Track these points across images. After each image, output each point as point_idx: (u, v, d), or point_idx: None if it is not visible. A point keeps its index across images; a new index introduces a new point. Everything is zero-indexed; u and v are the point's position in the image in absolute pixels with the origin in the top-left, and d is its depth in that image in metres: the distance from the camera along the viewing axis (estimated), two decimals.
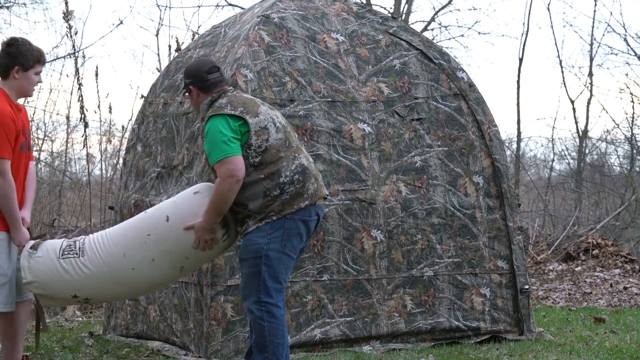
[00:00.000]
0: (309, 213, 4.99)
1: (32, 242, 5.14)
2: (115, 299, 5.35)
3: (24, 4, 15.49)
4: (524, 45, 18.76)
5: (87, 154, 11.30)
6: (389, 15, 11.61)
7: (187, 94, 5.19)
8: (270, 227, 4.91)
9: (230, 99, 4.99)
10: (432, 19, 19.69)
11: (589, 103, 19.59)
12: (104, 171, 13.85)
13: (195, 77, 5.08)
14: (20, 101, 5.54)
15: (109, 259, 4.98)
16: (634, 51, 19.22)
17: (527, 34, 18.81)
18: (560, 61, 20.52)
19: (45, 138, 14.01)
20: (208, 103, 5.04)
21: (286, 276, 5.00)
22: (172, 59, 10.13)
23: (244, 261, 4.98)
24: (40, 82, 5.40)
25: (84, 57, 14.09)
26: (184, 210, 4.98)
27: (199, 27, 18.89)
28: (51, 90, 13.22)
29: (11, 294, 5.24)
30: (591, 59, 19.59)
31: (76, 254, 5.02)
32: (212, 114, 4.93)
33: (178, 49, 11.88)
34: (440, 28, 19.84)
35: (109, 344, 7.04)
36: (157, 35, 16.13)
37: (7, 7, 15.31)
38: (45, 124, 13.89)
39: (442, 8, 19.57)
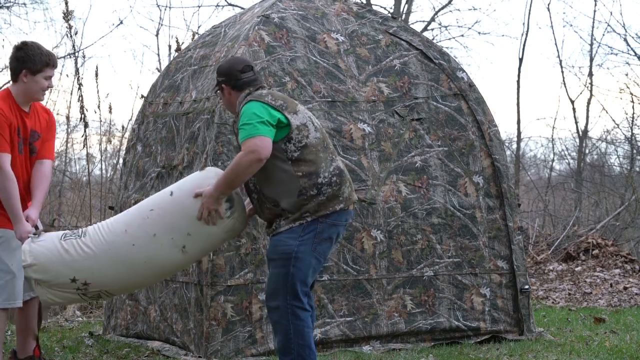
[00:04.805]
0: (340, 218, 4.94)
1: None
2: (116, 286, 5.05)
3: (24, 4, 15.49)
4: (524, 45, 18.78)
5: (87, 154, 11.31)
6: (389, 15, 11.61)
7: (218, 91, 5.16)
8: (303, 229, 4.86)
9: (270, 92, 4.98)
10: (432, 19, 19.70)
11: (589, 103, 19.60)
12: (104, 171, 13.85)
13: (228, 76, 5.05)
14: None
15: (110, 237, 4.94)
16: (634, 51, 19.22)
17: (527, 34, 18.82)
18: (560, 61, 20.49)
19: None
20: (245, 95, 4.99)
21: (312, 279, 4.96)
22: (172, 59, 10.13)
23: (272, 261, 4.93)
24: (51, 87, 5.39)
25: (84, 57, 14.09)
26: (188, 184, 4.99)
27: (199, 27, 18.86)
28: (51, 90, 13.22)
29: (17, 290, 5.25)
30: (591, 59, 19.60)
31: (78, 235, 4.99)
32: (251, 99, 4.89)
33: (178, 49, 11.87)
34: (440, 28, 19.85)
35: (109, 344, 7.03)
36: (157, 35, 16.09)
37: (7, 7, 15.31)
38: None
39: (442, 8, 19.59)
